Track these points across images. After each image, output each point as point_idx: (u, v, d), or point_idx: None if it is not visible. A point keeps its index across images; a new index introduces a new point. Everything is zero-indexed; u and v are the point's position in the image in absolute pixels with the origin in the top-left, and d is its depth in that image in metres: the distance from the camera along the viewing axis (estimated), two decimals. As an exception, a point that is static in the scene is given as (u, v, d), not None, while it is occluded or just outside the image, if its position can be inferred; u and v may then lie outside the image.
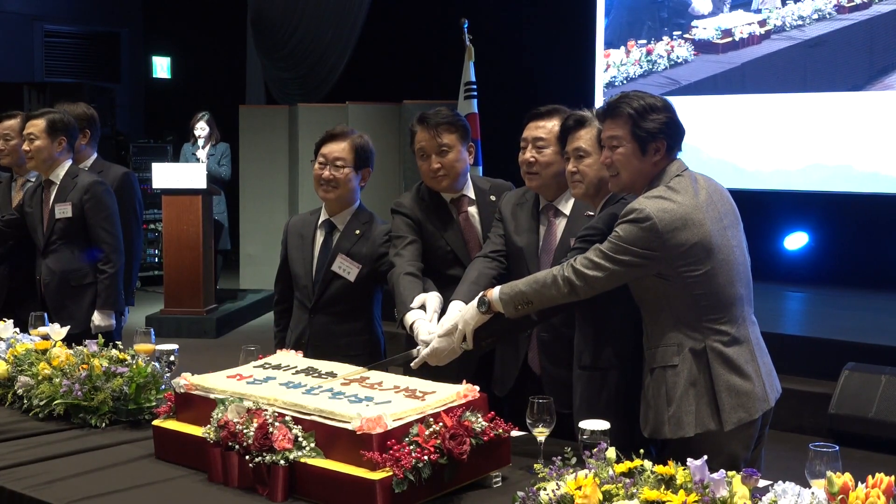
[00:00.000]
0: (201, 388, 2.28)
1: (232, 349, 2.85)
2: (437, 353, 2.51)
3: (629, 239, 2.24)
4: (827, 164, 7.15)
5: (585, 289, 2.30)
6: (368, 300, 3.15)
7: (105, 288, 3.92)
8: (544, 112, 2.77)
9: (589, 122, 2.54)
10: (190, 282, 7.31)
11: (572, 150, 2.56)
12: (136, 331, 2.84)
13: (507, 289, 2.40)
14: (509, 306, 2.38)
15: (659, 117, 2.32)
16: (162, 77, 12.02)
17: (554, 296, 2.33)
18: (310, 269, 3.12)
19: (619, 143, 2.34)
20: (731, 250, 2.32)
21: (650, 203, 2.25)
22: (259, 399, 2.14)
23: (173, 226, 7.28)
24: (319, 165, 3.07)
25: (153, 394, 2.56)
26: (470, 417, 2.05)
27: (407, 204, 3.03)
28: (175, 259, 7.30)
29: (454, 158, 2.94)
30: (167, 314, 7.35)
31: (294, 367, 2.44)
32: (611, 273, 2.27)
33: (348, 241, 3.10)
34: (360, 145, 3.09)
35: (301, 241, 3.17)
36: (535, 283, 2.35)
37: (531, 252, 2.77)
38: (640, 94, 2.37)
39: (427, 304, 2.69)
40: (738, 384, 2.28)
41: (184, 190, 7.21)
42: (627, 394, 2.44)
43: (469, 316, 2.45)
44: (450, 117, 2.96)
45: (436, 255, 2.97)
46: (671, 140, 2.35)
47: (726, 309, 2.30)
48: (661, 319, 2.32)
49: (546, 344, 2.75)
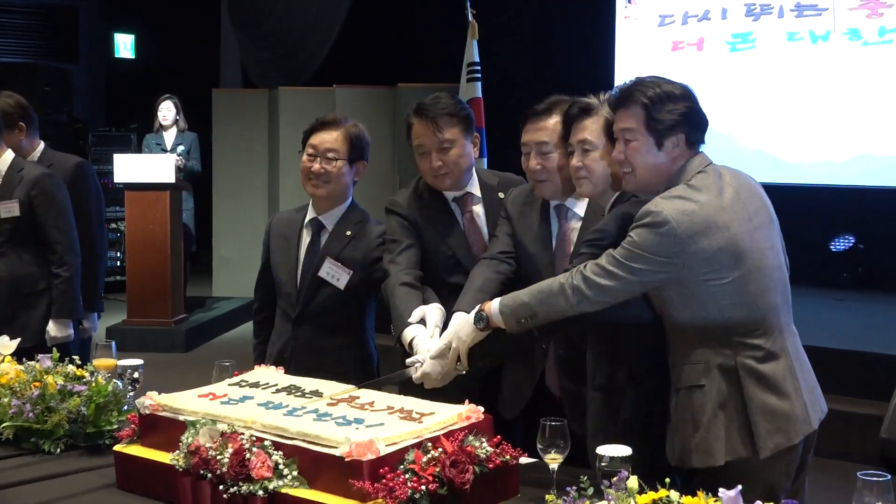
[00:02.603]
0: (169, 409, 2.27)
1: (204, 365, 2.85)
2: (428, 377, 2.51)
3: (645, 245, 2.24)
4: (877, 154, 7.16)
5: (596, 299, 2.29)
6: (360, 310, 3.15)
7: (60, 294, 3.91)
8: (542, 110, 2.74)
9: (595, 110, 2.54)
10: (156, 288, 7.32)
11: (577, 143, 2.55)
12: (96, 344, 2.83)
13: (507, 300, 2.40)
14: (511, 320, 2.38)
15: (677, 107, 2.32)
16: (125, 57, 12.04)
17: (562, 307, 2.33)
18: (294, 275, 3.12)
19: (633, 137, 2.34)
20: (763, 254, 2.32)
21: (668, 205, 2.25)
22: (235, 421, 2.14)
23: (137, 225, 7.29)
24: (308, 157, 3.07)
25: (115, 415, 2.56)
26: (473, 442, 2.05)
27: (403, 203, 3.02)
28: (139, 263, 7.31)
29: (457, 154, 2.93)
30: (130, 325, 7.35)
31: (274, 385, 2.43)
32: (624, 282, 2.26)
33: (338, 243, 3.10)
34: (354, 135, 3.09)
35: (285, 242, 3.17)
36: (540, 293, 2.35)
37: (544, 259, 2.77)
38: (657, 80, 2.36)
39: (427, 318, 2.69)
40: (775, 405, 2.27)
41: (150, 184, 7.22)
42: (647, 416, 2.44)
43: (464, 333, 2.45)
44: (451, 107, 2.94)
45: (436, 261, 2.97)
46: (692, 132, 2.34)
47: (760, 320, 2.30)
48: (685, 334, 2.32)
49: (564, 362, 2.75)
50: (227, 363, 2.59)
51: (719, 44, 7.67)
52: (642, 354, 2.46)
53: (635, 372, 2.47)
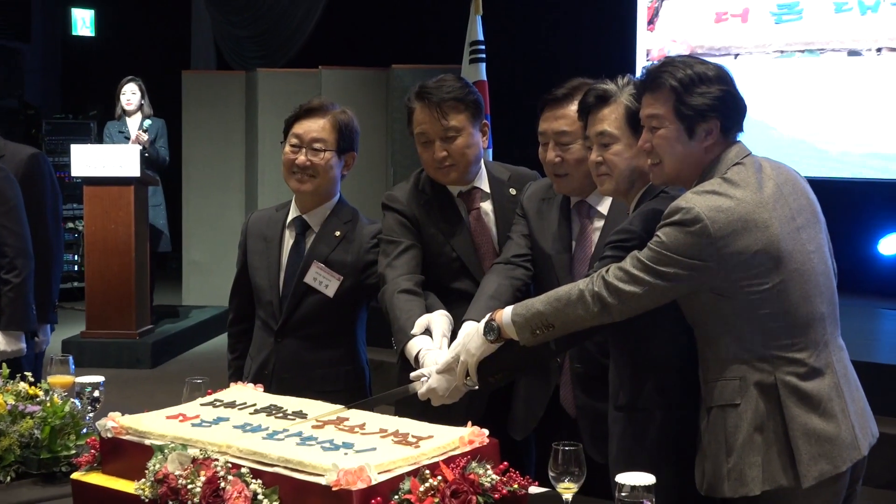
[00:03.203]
0: (134, 432, 2.27)
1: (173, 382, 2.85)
2: (434, 393, 2.51)
3: (674, 246, 2.24)
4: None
5: (620, 307, 2.30)
6: (351, 320, 3.15)
7: (10, 302, 3.91)
8: (562, 95, 2.74)
9: (614, 97, 2.54)
10: (119, 296, 7.32)
11: (595, 135, 2.55)
12: (51, 359, 2.84)
13: (521, 309, 2.40)
14: (525, 331, 2.38)
15: (710, 90, 2.32)
16: (84, 35, 12.05)
17: (581, 316, 2.33)
18: (276, 281, 3.12)
19: (661, 124, 2.35)
20: (808, 257, 2.33)
21: (700, 200, 2.25)
22: (208, 446, 2.14)
23: (98, 224, 7.29)
24: (292, 148, 3.08)
25: (72, 439, 2.56)
26: (477, 469, 2.05)
27: (402, 198, 3.02)
28: (99, 267, 7.31)
29: (464, 144, 2.94)
30: (89, 337, 7.36)
31: (253, 405, 2.43)
32: (651, 288, 2.27)
33: (326, 245, 3.11)
34: (343, 123, 3.10)
35: (264, 244, 3.17)
36: (557, 301, 2.35)
37: (561, 261, 2.77)
38: (688, 61, 2.37)
39: (433, 328, 2.69)
40: (820, 428, 2.27)
41: (111, 178, 7.22)
42: (677, 439, 2.44)
43: (473, 346, 2.45)
44: (457, 90, 2.94)
45: (438, 264, 2.97)
46: (727, 119, 2.35)
47: (802, 332, 2.30)
48: (719, 346, 2.32)
49: (582, 378, 2.75)
50: (199, 380, 2.59)
51: (764, 14, 7.67)
52: (672, 370, 2.46)
53: (664, 390, 2.47)
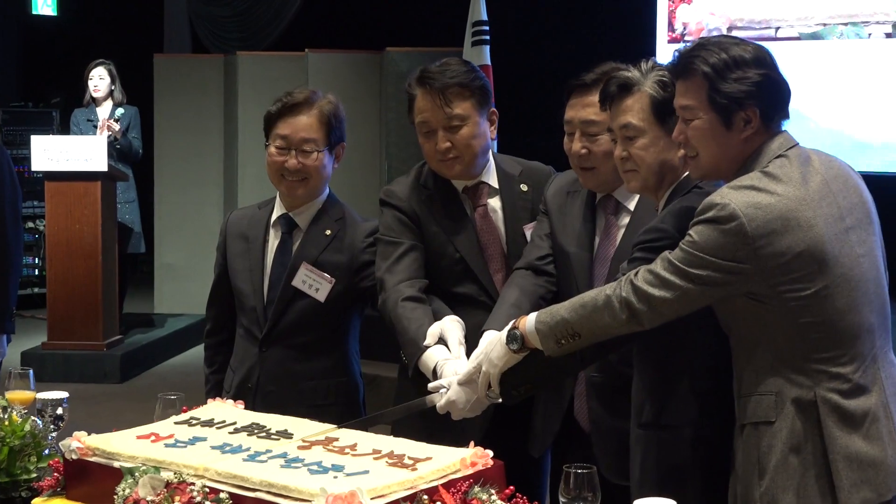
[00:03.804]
0: (101, 454, 2.27)
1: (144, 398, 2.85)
2: (454, 405, 2.53)
3: (708, 246, 2.25)
4: None
5: (650, 314, 2.30)
6: (343, 328, 3.16)
7: (-35, 311, 3.92)
8: (591, 81, 2.75)
9: (637, 85, 2.54)
10: (84, 303, 7.32)
11: (619, 128, 2.56)
12: (9, 372, 2.83)
13: (545, 316, 2.40)
14: (549, 340, 2.39)
15: (747, 75, 2.32)
16: (44, 14, 12.05)
17: (608, 324, 2.34)
18: (260, 286, 3.13)
19: (694, 115, 2.35)
20: (857, 261, 2.32)
21: (737, 196, 2.26)
22: (183, 468, 2.13)
23: (61, 224, 7.29)
24: (279, 151, 3.08)
25: (33, 461, 2.55)
26: (480, 494, 2.05)
27: (401, 193, 3.03)
28: (63, 271, 7.31)
29: (469, 134, 2.95)
30: (52, 349, 7.36)
31: (233, 423, 2.43)
32: (683, 293, 2.27)
33: (315, 245, 3.11)
34: (331, 115, 3.10)
35: (246, 245, 3.18)
36: (583, 308, 2.36)
37: (580, 260, 2.79)
38: (724, 43, 2.36)
39: (447, 336, 2.70)
40: (863, 451, 2.27)
41: (76, 173, 7.21)
42: (706, 460, 2.44)
43: (496, 356, 2.46)
44: (462, 75, 2.95)
45: (439, 266, 2.98)
46: (767, 106, 2.34)
47: (847, 344, 2.30)
48: (755, 357, 2.32)
49: (598, 389, 2.76)
50: (174, 396, 2.59)
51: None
52: (703, 383, 2.47)
53: (694, 406, 2.48)
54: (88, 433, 2.34)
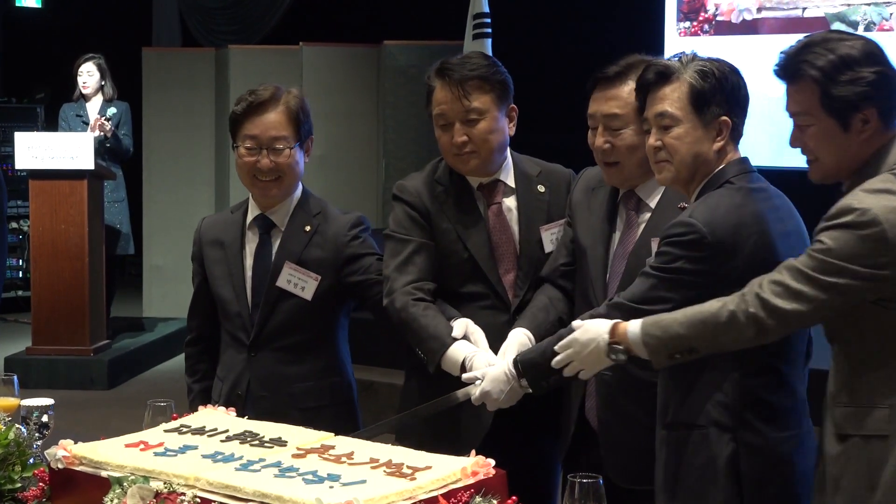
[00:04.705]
0: (88, 462, 2.28)
1: (133, 405, 2.85)
2: (489, 396, 2.62)
3: (846, 252, 2.22)
4: None
5: (778, 328, 2.29)
6: (332, 326, 3.17)
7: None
8: (615, 74, 2.77)
9: (676, 74, 2.54)
10: (70, 307, 7.31)
11: (654, 117, 2.56)
12: (-8, 378, 2.85)
13: (653, 329, 2.39)
14: (660, 355, 2.38)
15: (860, 74, 2.30)
16: (28, 6, 12.05)
17: (733, 340, 2.33)
18: (243, 290, 3.13)
19: (809, 122, 2.34)
20: None
21: (875, 200, 2.22)
22: (173, 478, 2.14)
23: (45, 224, 7.27)
24: (248, 151, 3.09)
25: (17, 471, 2.55)
26: (482, 505, 2.06)
27: (413, 188, 3.05)
28: (48, 273, 7.29)
29: (487, 129, 2.96)
30: (37, 354, 7.35)
31: (224, 431, 2.44)
32: (817, 304, 2.24)
33: (296, 243, 3.12)
34: (297, 108, 3.12)
35: (222, 251, 3.18)
36: (703, 325, 2.34)
37: (595, 256, 2.81)
38: (828, 41, 2.34)
39: (471, 334, 2.80)
40: None
41: (62, 171, 7.20)
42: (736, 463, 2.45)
43: (592, 362, 2.47)
44: (482, 68, 2.98)
45: (448, 264, 3.00)
46: (885, 105, 2.32)
47: None
48: (870, 366, 2.30)
49: (609, 387, 2.77)
50: (163, 403, 2.59)
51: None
52: (733, 380, 2.47)
53: (723, 404, 2.48)
54: (75, 441, 2.35)
